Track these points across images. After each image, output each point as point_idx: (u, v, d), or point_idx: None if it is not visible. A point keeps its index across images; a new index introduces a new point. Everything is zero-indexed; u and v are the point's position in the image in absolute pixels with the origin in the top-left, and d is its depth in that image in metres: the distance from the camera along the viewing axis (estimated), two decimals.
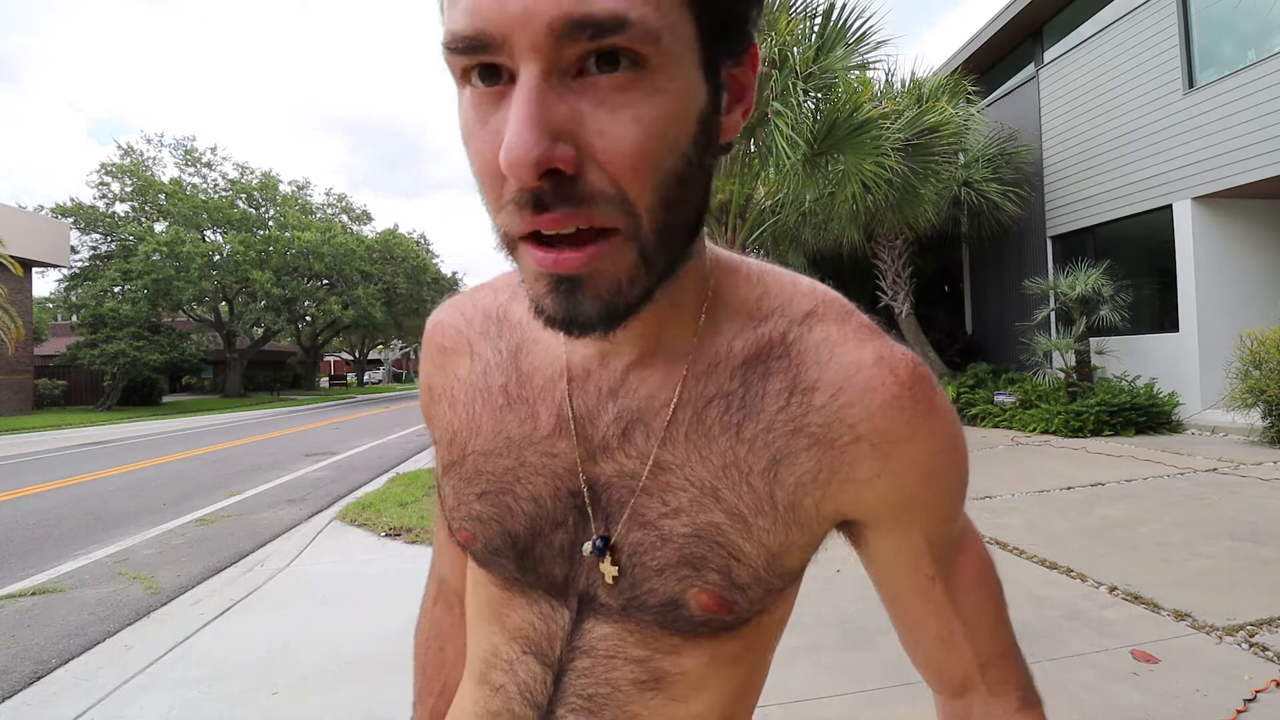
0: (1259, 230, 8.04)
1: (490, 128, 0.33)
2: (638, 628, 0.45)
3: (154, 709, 2.39)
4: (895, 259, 10.41)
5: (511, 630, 0.49)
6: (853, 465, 0.41)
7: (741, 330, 0.44)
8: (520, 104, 0.30)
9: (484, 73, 0.32)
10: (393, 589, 3.62)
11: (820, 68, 5.94)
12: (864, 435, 0.41)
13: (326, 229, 30.02)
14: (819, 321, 0.43)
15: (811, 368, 0.42)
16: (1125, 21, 8.84)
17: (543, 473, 0.46)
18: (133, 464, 9.38)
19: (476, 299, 0.53)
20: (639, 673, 0.45)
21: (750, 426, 0.42)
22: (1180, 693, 2.13)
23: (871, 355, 0.42)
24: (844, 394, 0.41)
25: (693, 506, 0.43)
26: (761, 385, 0.42)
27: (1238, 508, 4.21)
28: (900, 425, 0.41)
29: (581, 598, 0.46)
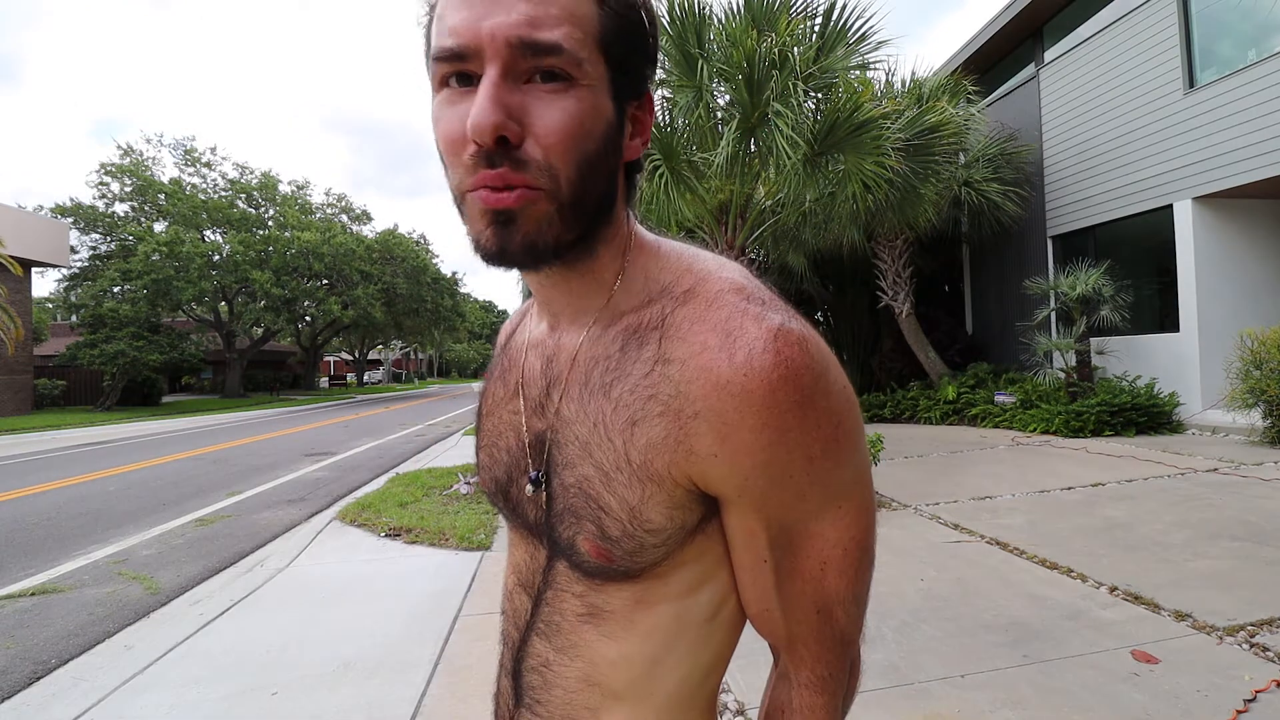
0: (1259, 230, 8.04)
1: (458, 110, 0.44)
2: (571, 565, 0.52)
3: (154, 709, 2.39)
4: (895, 259, 10.41)
5: (514, 565, 0.60)
6: (694, 439, 0.45)
7: (637, 300, 0.51)
8: (484, 89, 0.42)
9: (459, 78, 0.44)
10: (393, 589, 3.62)
11: (820, 68, 5.93)
12: (702, 412, 0.44)
13: (326, 229, 30.01)
14: (692, 299, 0.48)
15: (674, 341, 0.47)
16: (1125, 21, 8.83)
17: (510, 428, 0.57)
18: (133, 464, 9.38)
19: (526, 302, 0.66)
20: (579, 605, 0.53)
21: (617, 387, 0.48)
22: (1180, 693, 2.13)
23: (719, 337, 0.45)
24: (688, 369, 0.45)
25: (577, 460, 0.50)
26: (635, 351, 0.48)
27: (1238, 508, 4.21)
28: (731, 409, 0.43)
29: (548, 540, 0.54)
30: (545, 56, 0.42)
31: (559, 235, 0.45)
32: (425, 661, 2.65)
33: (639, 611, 0.51)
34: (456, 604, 3.29)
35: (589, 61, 0.44)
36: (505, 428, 0.58)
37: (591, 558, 0.49)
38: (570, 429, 0.50)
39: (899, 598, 3.07)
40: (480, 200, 0.44)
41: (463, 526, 4.66)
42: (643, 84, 0.50)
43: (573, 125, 0.43)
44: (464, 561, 4.02)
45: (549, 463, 0.52)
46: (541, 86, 0.43)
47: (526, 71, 0.43)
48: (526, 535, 0.57)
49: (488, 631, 2.93)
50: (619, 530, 0.48)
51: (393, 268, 32.31)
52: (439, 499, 5.74)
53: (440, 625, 3.02)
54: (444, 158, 0.46)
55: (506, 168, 0.42)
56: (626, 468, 0.47)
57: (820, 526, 0.47)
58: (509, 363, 0.60)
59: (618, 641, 0.52)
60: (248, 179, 30.12)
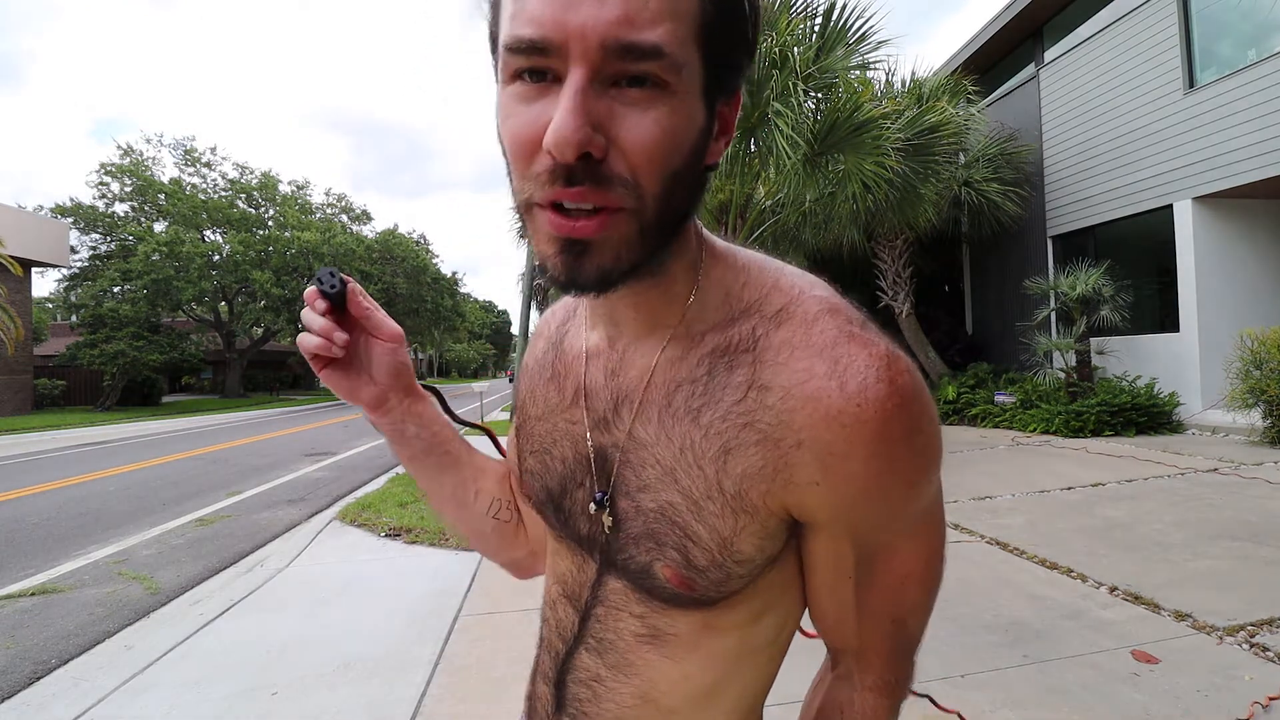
0: (1259, 230, 8.04)
1: (532, 112, 0.39)
2: (634, 587, 0.50)
3: (154, 709, 2.39)
4: (895, 259, 10.41)
5: (558, 575, 0.58)
6: (795, 468, 0.43)
7: (719, 319, 0.47)
8: (569, 97, 0.37)
9: (533, 73, 0.39)
10: (393, 589, 3.62)
11: (820, 68, 5.93)
12: (806, 442, 0.42)
13: (326, 229, 30.03)
14: (786, 321, 0.45)
15: (770, 366, 0.44)
16: (1125, 21, 8.83)
17: (567, 437, 0.54)
18: (133, 464, 9.37)
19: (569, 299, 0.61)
20: (638, 626, 0.51)
21: (708, 413, 0.45)
22: (1181, 693, 2.13)
23: (826, 365, 0.42)
24: (792, 398, 0.42)
25: (658, 484, 0.47)
26: (725, 376, 0.45)
27: (1238, 508, 4.21)
28: (840, 440, 0.41)
29: (602, 555, 0.52)
30: (641, 61, 0.37)
31: (636, 259, 0.41)
32: (425, 661, 2.65)
33: (705, 636, 0.50)
34: (456, 604, 3.28)
35: (688, 65, 0.39)
36: (561, 436, 0.54)
37: (671, 585, 0.47)
38: (648, 452, 0.47)
39: None
40: (550, 225, 0.39)
41: None
42: (738, 80, 0.45)
43: (664, 139, 0.39)
44: (464, 562, 4.02)
45: (616, 482, 0.49)
46: (632, 92, 0.38)
47: (615, 75, 0.37)
48: (575, 547, 0.55)
49: (488, 632, 2.93)
50: (707, 560, 0.45)
51: (393, 268, 32.32)
52: None
53: (440, 625, 3.02)
54: (510, 161, 0.41)
55: (587, 186, 0.38)
56: (719, 497, 0.44)
57: (907, 543, 0.47)
58: (564, 368, 0.56)
59: (680, 664, 0.50)
60: (248, 179, 30.13)
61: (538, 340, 0.63)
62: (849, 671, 0.53)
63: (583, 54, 0.37)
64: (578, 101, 0.36)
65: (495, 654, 2.67)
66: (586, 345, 0.54)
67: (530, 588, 0.79)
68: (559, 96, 0.37)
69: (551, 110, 0.37)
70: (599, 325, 0.53)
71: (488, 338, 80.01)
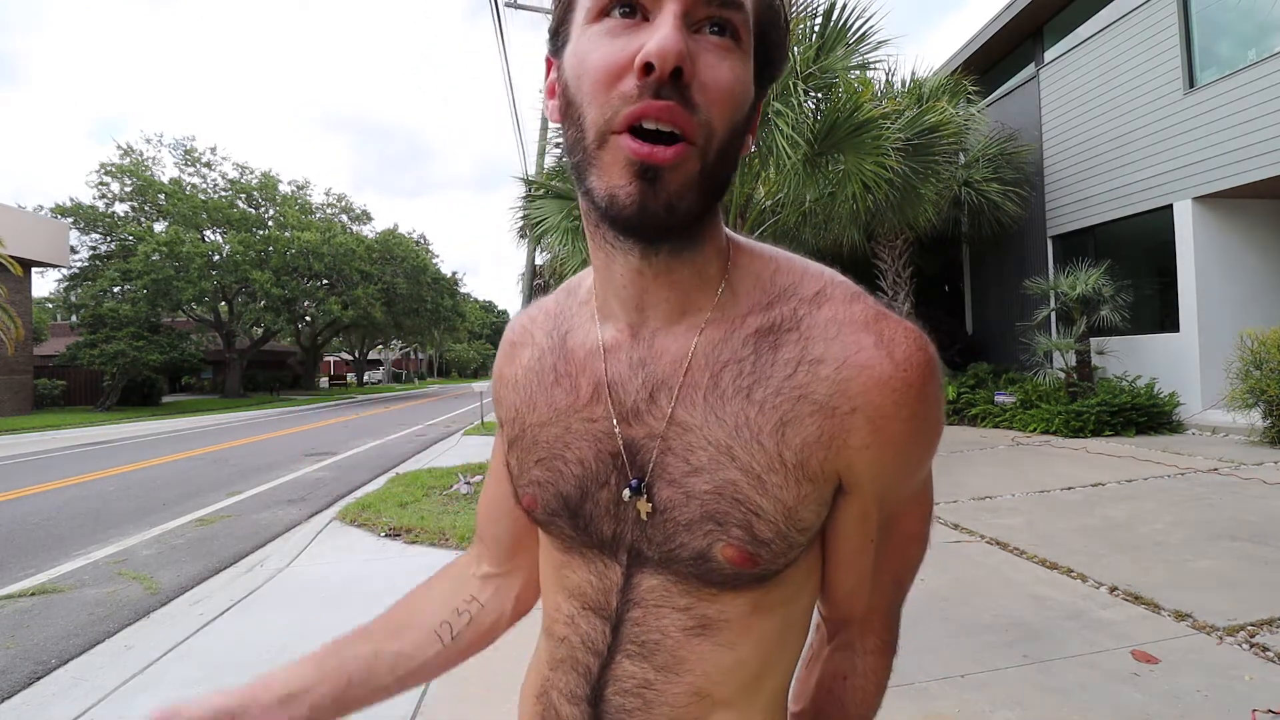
0: (1259, 230, 8.04)
1: (620, 41, 0.41)
2: (678, 579, 0.50)
3: (154, 709, 2.39)
4: (895, 259, 10.41)
5: (571, 589, 0.56)
6: (849, 433, 0.45)
7: (756, 302, 0.49)
8: (669, 20, 0.40)
9: (623, 10, 0.42)
10: (392, 589, 3.62)
11: (820, 68, 5.92)
12: (860, 407, 0.45)
13: (326, 229, 30.00)
14: (827, 301, 0.48)
15: (819, 342, 0.46)
16: (1125, 21, 8.83)
17: (585, 437, 0.52)
18: (133, 464, 9.38)
19: (544, 301, 0.61)
20: (685, 620, 0.50)
21: (760, 390, 0.46)
22: (1181, 693, 2.13)
23: (873, 336, 0.46)
24: (847, 368, 0.45)
25: (712, 465, 0.47)
26: (772, 354, 0.47)
27: (1238, 508, 4.21)
28: (890, 403, 0.45)
29: (630, 553, 0.51)
30: (726, 8, 0.41)
31: (695, 203, 0.43)
32: None
33: (755, 618, 0.50)
34: None
35: (746, 38, 0.43)
36: (576, 438, 0.52)
37: (733, 564, 0.47)
38: (696, 435, 0.47)
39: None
40: (629, 149, 0.40)
41: (463, 526, 4.66)
42: (769, 82, 0.48)
43: (735, 86, 0.42)
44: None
45: (656, 471, 0.49)
46: (712, 38, 0.41)
47: (701, 20, 0.41)
48: (592, 555, 0.53)
49: None
50: (772, 532, 0.46)
51: (393, 268, 32.31)
52: (439, 499, 5.74)
53: None
54: (588, 95, 0.42)
55: (675, 103, 0.40)
56: (781, 469, 0.46)
57: (913, 504, 0.51)
58: (574, 367, 0.54)
59: (734, 650, 0.51)
60: (248, 179, 30.11)
61: (520, 350, 0.59)
62: (849, 640, 0.57)
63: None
64: (677, 24, 0.40)
65: (495, 654, 2.66)
66: (602, 340, 0.52)
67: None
68: (652, 28, 0.40)
69: (642, 40, 0.40)
70: (615, 317, 0.52)
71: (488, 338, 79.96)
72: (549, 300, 0.61)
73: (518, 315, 0.64)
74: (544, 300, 0.62)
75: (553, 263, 11.05)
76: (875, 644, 0.56)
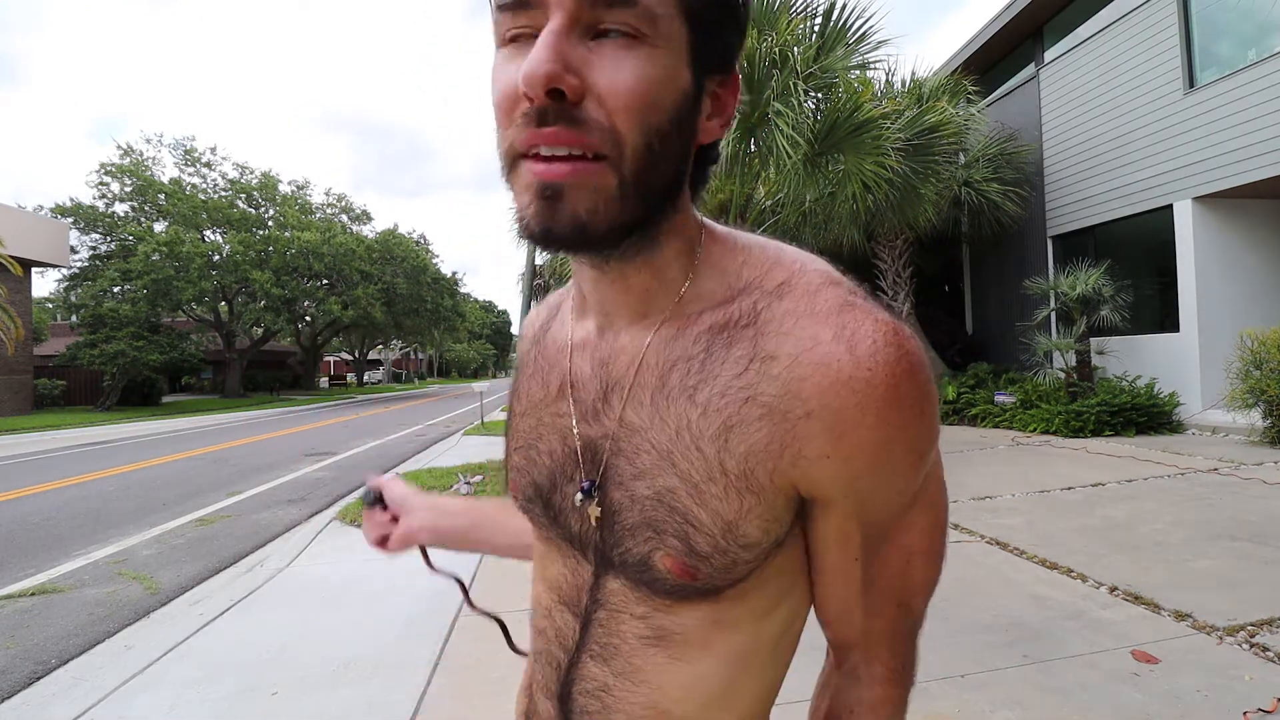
0: (1259, 230, 8.04)
1: (513, 65, 0.39)
2: (633, 585, 0.48)
3: (154, 709, 2.39)
4: (895, 259, 10.41)
5: (549, 581, 0.56)
6: (804, 441, 0.41)
7: (716, 298, 0.46)
8: (544, 37, 0.38)
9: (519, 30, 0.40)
10: (393, 589, 3.62)
11: (820, 68, 5.93)
12: (815, 412, 0.40)
13: (326, 229, 30.00)
14: (789, 292, 0.44)
15: (773, 337, 0.42)
16: (1125, 21, 8.83)
17: (554, 431, 0.52)
18: (133, 464, 9.38)
19: (556, 294, 0.62)
20: (641, 628, 0.49)
21: (704, 390, 0.43)
22: (1181, 693, 2.13)
23: (832, 330, 0.40)
24: (799, 366, 0.41)
25: (653, 469, 0.45)
26: (724, 352, 0.43)
27: (1238, 508, 4.21)
28: (852, 406, 0.39)
29: (596, 553, 0.50)
30: (615, 8, 0.37)
31: (615, 216, 0.40)
32: (425, 662, 2.65)
33: (715, 633, 0.48)
34: (456, 604, 3.28)
35: (665, 20, 0.39)
36: (547, 431, 0.53)
37: (673, 575, 0.45)
38: (641, 437, 0.45)
39: None
40: (530, 172, 0.39)
41: None
42: (729, 57, 0.44)
43: (639, 86, 0.38)
44: (464, 562, 4.02)
45: (606, 473, 0.48)
46: (609, 41, 0.38)
47: (592, 23, 0.38)
48: (566, 549, 0.53)
49: (488, 632, 2.92)
50: (709, 546, 0.43)
51: (393, 268, 32.30)
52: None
53: (440, 625, 3.02)
54: (497, 121, 0.41)
55: (561, 126, 0.37)
56: (721, 478, 0.42)
57: (911, 517, 0.46)
58: (547, 362, 0.55)
59: (690, 665, 0.48)
60: (248, 179, 30.11)
61: (522, 341, 0.64)
62: (854, 667, 0.51)
63: (559, 3, 0.38)
64: (552, 39, 0.37)
65: (495, 654, 2.67)
66: (572, 337, 0.53)
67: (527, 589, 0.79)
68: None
69: None
70: (588, 316, 0.52)
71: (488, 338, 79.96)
72: (556, 294, 0.62)
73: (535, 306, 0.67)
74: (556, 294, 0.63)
75: (552, 262, 11.05)
76: (882, 673, 0.50)
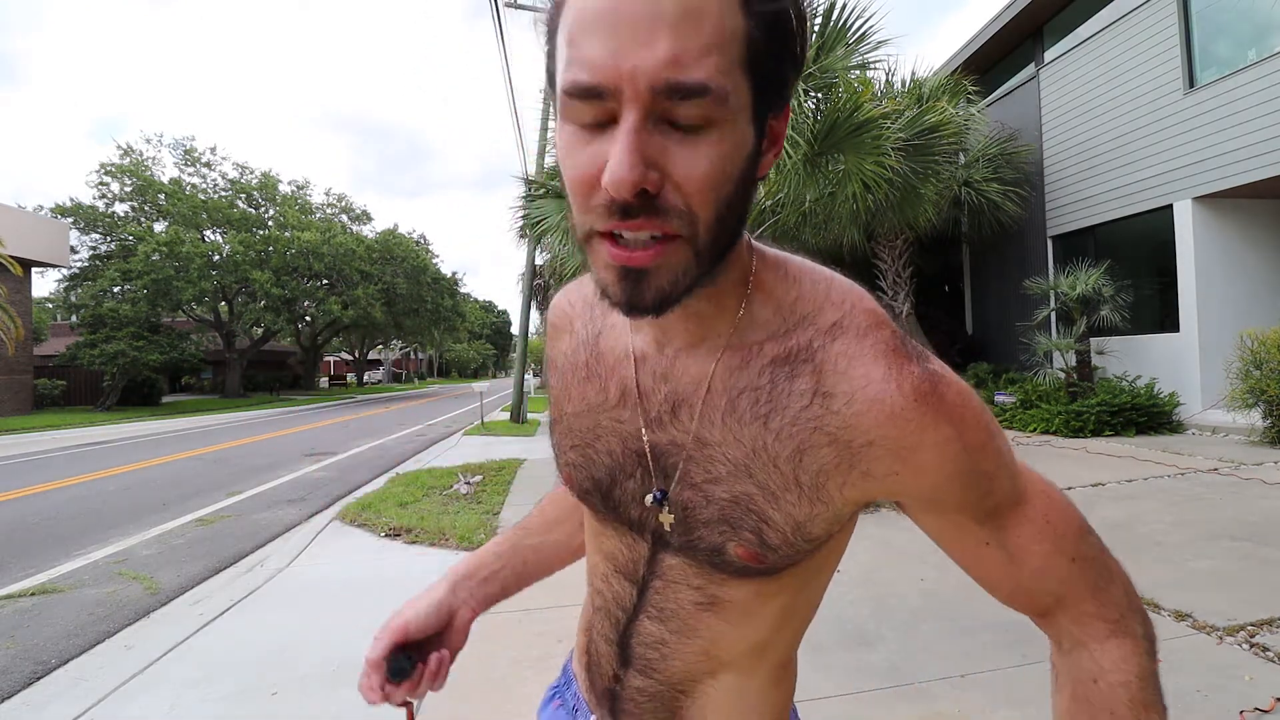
0: (1259, 230, 8.04)
1: (590, 151, 0.41)
2: (694, 563, 0.55)
3: (154, 709, 2.39)
4: (895, 259, 10.40)
5: (606, 553, 0.63)
6: (870, 463, 0.47)
7: (774, 330, 0.51)
8: (623, 139, 0.39)
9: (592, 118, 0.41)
10: (392, 589, 3.61)
11: (820, 68, 5.92)
12: (876, 440, 0.47)
13: (326, 229, 30.01)
14: (842, 334, 0.49)
15: (830, 375, 0.48)
16: (1125, 21, 8.84)
17: (614, 434, 0.57)
18: (133, 464, 9.38)
19: (583, 286, 0.65)
20: (698, 596, 0.56)
21: (776, 419, 0.49)
22: (1180, 693, 2.13)
23: (881, 370, 0.47)
24: (856, 403, 0.47)
25: (730, 477, 0.51)
26: (787, 384, 0.49)
27: (1238, 508, 4.21)
28: (909, 434, 0.46)
29: (653, 535, 0.57)
30: (689, 99, 0.39)
31: (692, 280, 0.44)
32: None
33: (758, 602, 0.56)
34: None
35: (734, 92, 0.40)
36: (606, 433, 0.58)
37: (742, 560, 0.52)
38: (716, 450, 0.51)
39: (899, 598, 3.07)
40: (610, 255, 0.42)
41: (463, 526, 4.66)
42: (787, 93, 0.46)
43: (715, 171, 0.41)
44: None
45: (681, 476, 0.53)
46: (681, 128, 0.40)
47: (666, 112, 0.40)
48: (623, 530, 0.60)
49: (487, 632, 2.92)
50: (779, 540, 0.50)
51: (393, 268, 32.31)
52: (439, 499, 5.74)
53: None
54: (571, 196, 0.43)
55: (644, 218, 0.41)
56: (795, 489, 0.49)
57: (1024, 494, 0.51)
58: (605, 369, 0.58)
59: (739, 626, 0.57)
60: (247, 179, 30.11)
61: (560, 336, 0.65)
62: (1075, 640, 0.53)
63: (634, 96, 0.39)
64: (632, 141, 0.39)
65: (495, 654, 2.67)
66: (633, 348, 0.57)
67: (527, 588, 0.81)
68: (615, 136, 0.40)
69: (608, 149, 0.40)
70: (643, 331, 0.56)
71: (488, 338, 79.96)
72: (587, 286, 0.64)
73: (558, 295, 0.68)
74: (584, 284, 0.65)
75: (552, 262, 11.05)
76: (1105, 630, 0.52)
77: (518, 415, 13.81)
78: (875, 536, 3.95)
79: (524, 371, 14.57)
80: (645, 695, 0.62)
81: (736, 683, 0.59)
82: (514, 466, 7.49)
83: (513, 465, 7.57)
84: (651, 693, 0.61)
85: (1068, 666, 0.54)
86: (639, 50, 0.38)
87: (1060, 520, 0.52)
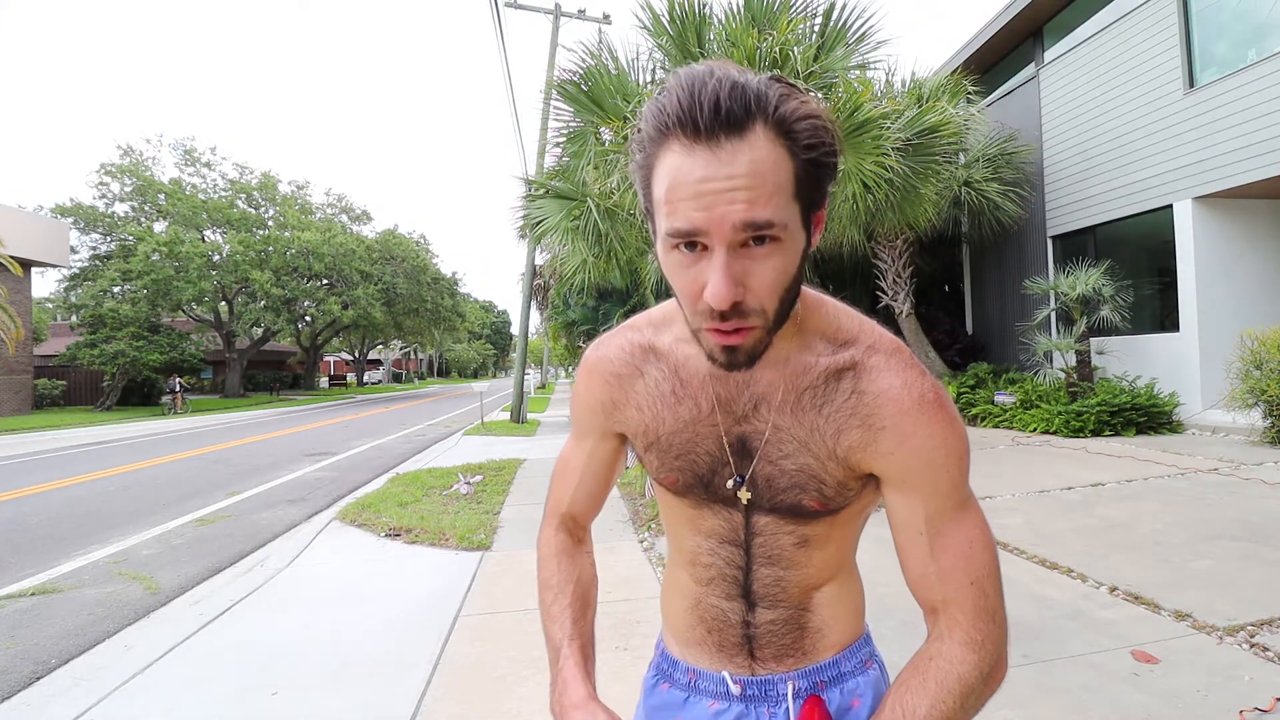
0: (1259, 230, 8.03)
1: (692, 273, 0.58)
2: (781, 517, 0.75)
3: (154, 709, 2.39)
4: (895, 259, 10.39)
5: (707, 532, 0.80)
6: (880, 442, 0.68)
7: (824, 351, 0.71)
8: (718, 268, 0.56)
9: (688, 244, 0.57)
10: (393, 589, 3.61)
11: (820, 67, 5.92)
12: (888, 426, 0.67)
13: (326, 229, 30.00)
14: (876, 353, 0.70)
15: (865, 378, 0.69)
16: (1125, 21, 8.83)
17: (709, 437, 0.75)
18: (133, 464, 9.38)
19: (628, 337, 0.82)
20: (792, 539, 0.76)
21: (827, 408, 0.69)
22: (1180, 693, 2.13)
23: (900, 380, 0.68)
24: (879, 400, 0.68)
25: (797, 453, 0.71)
26: (835, 384, 0.70)
27: (1238, 508, 4.21)
28: (909, 424, 0.67)
29: (746, 506, 0.76)
30: (761, 230, 0.55)
31: (767, 343, 0.63)
32: (425, 661, 2.65)
33: (832, 531, 0.76)
34: (456, 604, 3.29)
35: (791, 219, 0.57)
36: (702, 438, 0.75)
37: (813, 508, 0.72)
38: (786, 434, 0.71)
39: (899, 597, 3.06)
40: (714, 338, 0.61)
41: (463, 526, 4.66)
42: (825, 194, 0.61)
43: (780, 278, 0.58)
44: (464, 561, 4.02)
45: (760, 456, 0.72)
46: (756, 250, 0.56)
47: (744, 241, 0.56)
48: (719, 508, 0.77)
49: (487, 632, 2.93)
50: (832, 492, 0.71)
51: (393, 268, 32.30)
52: (439, 499, 5.74)
53: (440, 625, 3.02)
54: (682, 304, 0.62)
55: (735, 320, 0.58)
56: (834, 459, 0.69)
57: (966, 514, 0.69)
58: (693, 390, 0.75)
59: (823, 551, 0.77)
60: (247, 179, 30.09)
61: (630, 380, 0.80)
62: (940, 633, 0.69)
63: (722, 236, 0.55)
64: (725, 269, 0.56)
65: (495, 654, 2.67)
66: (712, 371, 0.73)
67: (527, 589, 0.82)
68: (710, 262, 0.56)
69: (706, 271, 0.57)
70: None
71: (488, 338, 79.92)
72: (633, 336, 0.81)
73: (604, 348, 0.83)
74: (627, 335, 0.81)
75: (553, 263, 11.04)
76: (961, 637, 0.68)
77: (518, 415, 13.81)
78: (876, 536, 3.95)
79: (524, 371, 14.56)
80: (778, 624, 0.79)
81: (833, 588, 0.80)
82: (514, 466, 7.49)
83: (513, 465, 7.57)
84: (782, 619, 0.79)
85: (924, 646, 0.71)
86: (724, 207, 0.54)
87: (979, 551, 0.69)
